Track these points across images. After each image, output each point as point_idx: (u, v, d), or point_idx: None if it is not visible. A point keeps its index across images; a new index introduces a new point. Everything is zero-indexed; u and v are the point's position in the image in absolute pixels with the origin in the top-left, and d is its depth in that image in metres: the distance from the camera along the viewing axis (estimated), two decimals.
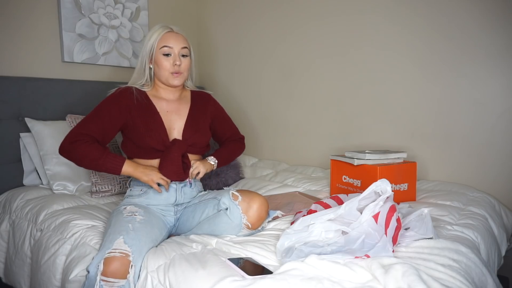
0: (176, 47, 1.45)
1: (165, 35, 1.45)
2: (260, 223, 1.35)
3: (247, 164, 2.54)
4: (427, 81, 1.95)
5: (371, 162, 1.61)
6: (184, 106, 1.57)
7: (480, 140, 1.83)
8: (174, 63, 1.44)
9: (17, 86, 1.91)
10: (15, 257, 1.60)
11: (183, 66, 1.47)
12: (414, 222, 1.20)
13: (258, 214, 1.32)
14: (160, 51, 1.44)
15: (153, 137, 1.43)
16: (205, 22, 2.89)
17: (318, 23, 2.30)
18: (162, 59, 1.45)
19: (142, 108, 1.47)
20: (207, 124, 1.61)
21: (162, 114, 1.49)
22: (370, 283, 0.94)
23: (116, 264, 1.09)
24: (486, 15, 1.76)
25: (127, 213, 1.31)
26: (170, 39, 1.45)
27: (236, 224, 1.31)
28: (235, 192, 1.37)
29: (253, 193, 1.37)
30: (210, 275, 1.02)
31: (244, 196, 1.34)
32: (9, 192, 1.83)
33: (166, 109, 1.51)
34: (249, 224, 1.31)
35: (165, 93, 1.54)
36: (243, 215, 1.31)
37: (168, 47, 1.44)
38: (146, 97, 1.50)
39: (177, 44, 1.45)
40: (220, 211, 1.36)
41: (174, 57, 1.45)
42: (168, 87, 1.52)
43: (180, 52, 1.46)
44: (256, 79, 2.65)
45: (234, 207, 1.32)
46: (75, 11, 2.14)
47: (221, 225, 1.33)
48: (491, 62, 1.77)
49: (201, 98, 1.64)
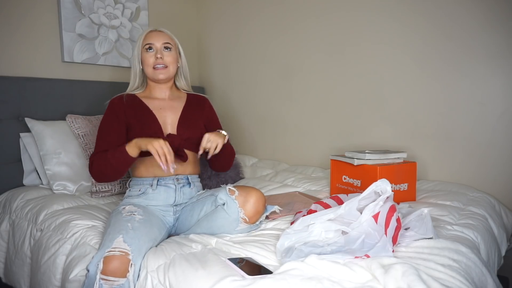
0: (157, 43, 1.52)
1: (148, 34, 1.53)
2: (258, 217, 1.36)
3: (247, 164, 2.54)
4: (427, 81, 1.95)
5: (371, 162, 1.61)
6: (178, 104, 1.60)
7: (481, 140, 1.83)
8: (156, 55, 1.50)
9: (17, 86, 1.91)
10: (15, 257, 1.60)
11: (166, 59, 1.52)
12: (414, 222, 1.20)
13: (255, 208, 1.33)
14: (143, 49, 1.52)
15: (148, 134, 1.44)
16: (204, 22, 2.89)
17: (317, 24, 2.30)
18: (146, 56, 1.51)
19: (134, 108, 1.52)
20: (201, 122, 1.62)
21: (155, 111, 1.53)
22: (370, 283, 0.94)
23: (115, 263, 1.09)
24: (487, 14, 1.76)
25: (126, 213, 1.32)
26: (152, 37, 1.52)
27: (234, 219, 1.32)
28: (232, 188, 1.38)
29: (249, 187, 1.38)
30: (210, 275, 1.02)
31: (241, 190, 1.35)
32: (9, 192, 1.83)
33: (159, 106, 1.55)
34: (246, 218, 1.32)
35: (157, 92, 1.58)
36: (240, 209, 1.31)
37: (149, 44, 1.51)
38: (137, 100, 1.55)
39: (159, 40, 1.52)
40: (217, 206, 1.37)
41: (155, 51, 1.51)
42: (158, 84, 1.57)
43: (162, 46, 1.52)
44: (256, 79, 2.65)
45: (231, 202, 1.33)
46: (75, 11, 2.14)
47: (219, 220, 1.34)
48: (492, 62, 1.77)
49: (197, 100, 1.66)
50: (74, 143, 1.90)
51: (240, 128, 2.75)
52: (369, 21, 2.10)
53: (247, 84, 2.70)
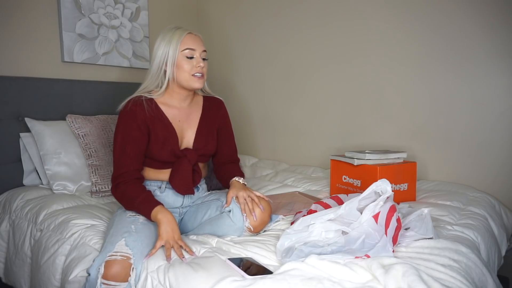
0: (198, 50, 1.39)
1: (187, 36, 1.39)
2: (263, 227, 1.35)
3: (247, 164, 2.54)
4: (427, 81, 1.95)
5: (371, 162, 1.61)
6: (195, 114, 1.51)
7: (480, 140, 1.83)
8: (198, 64, 1.39)
9: (17, 86, 1.91)
10: (15, 257, 1.60)
11: (204, 69, 1.42)
12: (414, 222, 1.20)
13: (261, 218, 1.32)
14: (183, 53, 1.37)
15: (167, 150, 1.39)
16: (205, 22, 2.89)
17: (318, 24, 2.30)
18: (184, 62, 1.38)
19: (155, 120, 1.40)
20: (215, 132, 1.55)
21: (174, 123, 1.44)
22: (370, 283, 0.94)
23: (117, 268, 1.08)
24: (485, 15, 1.76)
25: (131, 213, 1.30)
26: (192, 41, 1.39)
27: (238, 227, 1.31)
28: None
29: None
30: (210, 275, 1.02)
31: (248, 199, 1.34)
32: (9, 192, 1.83)
33: (178, 118, 1.45)
34: (251, 228, 1.31)
35: (177, 100, 1.46)
36: (246, 219, 1.31)
37: (191, 49, 1.38)
38: (156, 107, 1.42)
39: (199, 47, 1.40)
40: (222, 213, 1.36)
41: (197, 59, 1.39)
42: (182, 92, 1.45)
43: (201, 55, 1.41)
44: (256, 79, 2.65)
45: (237, 210, 1.33)
46: (75, 11, 2.14)
47: (223, 227, 1.33)
48: (491, 62, 1.77)
49: (213, 105, 1.57)
50: (74, 143, 1.90)
51: (240, 128, 2.75)
52: (369, 24, 2.10)
53: (247, 84, 2.70)
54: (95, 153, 1.86)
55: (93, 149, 1.86)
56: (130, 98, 1.41)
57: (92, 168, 1.84)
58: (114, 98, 1.78)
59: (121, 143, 1.35)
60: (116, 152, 1.36)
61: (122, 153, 1.34)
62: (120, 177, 1.33)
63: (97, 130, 1.91)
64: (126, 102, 1.40)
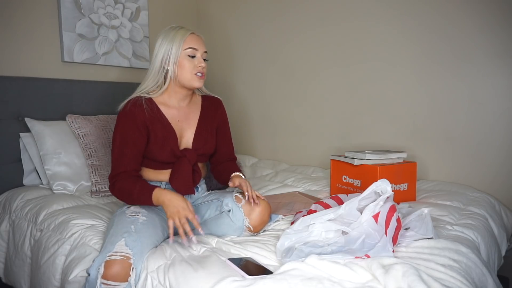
0: (200, 50, 1.41)
1: (190, 36, 1.40)
2: (262, 227, 1.36)
3: (247, 164, 2.54)
4: (426, 81, 1.95)
5: (371, 162, 1.61)
6: (194, 113, 1.52)
7: (480, 140, 1.83)
8: (199, 64, 1.41)
9: (17, 86, 1.91)
10: (15, 257, 1.60)
11: (205, 70, 1.44)
12: (414, 222, 1.20)
13: (261, 218, 1.33)
14: (185, 52, 1.39)
15: (166, 151, 1.40)
16: (205, 22, 2.89)
17: (319, 26, 2.30)
18: (186, 60, 1.39)
19: (154, 121, 1.40)
20: (214, 131, 1.56)
21: (173, 123, 1.44)
22: (370, 283, 0.94)
23: (117, 268, 1.08)
24: (484, 16, 1.76)
25: (130, 213, 1.30)
26: (195, 41, 1.41)
27: (238, 227, 1.32)
28: (239, 195, 1.37)
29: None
30: (210, 275, 1.02)
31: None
32: (9, 192, 1.83)
33: (177, 118, 1.46)
34: (251, 227, 1.32)
35: (176, 99, 1.46)
36: (246, 218, 1.31)
37: (194, 48, 1.40)
38: (155, 107, 1.42)
39: (201, 47, 1.42)
40: (222, 212, 1.37)
41: (198, 59, 1.41)
42: (181, 91, 1.45)
43: (203, 56, 1.43)
44: (256, 79, 2.65)
45: (237, 210, 1.33)
46: (75, 11, 2.14)
47: (223, 227, 1.34)
48: (490, 63, 1.77)
49: (211, 104, 1.58)
50: (74, 143, 1.90)
51: (240, 128, 2.75)
52: (369, 24, 2.10)
53: (248, 84, 2.70)
54: (95, 153, 1.86)
55: (93, 149, 1.86)
56: (129, 99, 1.41)
57: (92, 168, 1.84)
58: (114, 98, 1.78)
59: (120, 144, 1.36)
60: (114, 152, 1.36)
61: (120, 154, 1.35)
62: (117, 176, 1.34)
63: (97, 130, 1.91)
64: (125, 102, 1.40)
